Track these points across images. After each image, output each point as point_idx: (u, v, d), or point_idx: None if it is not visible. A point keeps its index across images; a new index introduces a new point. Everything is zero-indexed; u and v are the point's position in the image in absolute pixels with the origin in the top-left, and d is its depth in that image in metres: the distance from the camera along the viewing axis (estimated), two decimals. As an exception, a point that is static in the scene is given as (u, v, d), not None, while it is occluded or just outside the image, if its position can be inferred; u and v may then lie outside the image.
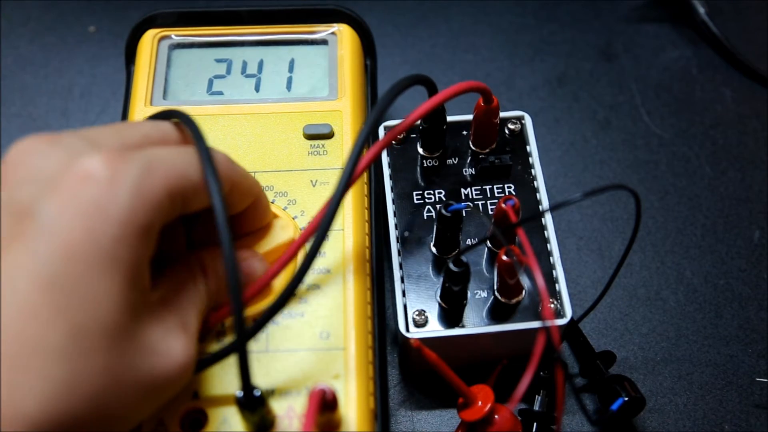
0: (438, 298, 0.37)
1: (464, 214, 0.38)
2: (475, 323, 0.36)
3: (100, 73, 0.52)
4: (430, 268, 0.38)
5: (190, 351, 0.29)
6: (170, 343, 0.28)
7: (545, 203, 0.39)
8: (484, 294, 0.37)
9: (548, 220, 0.38)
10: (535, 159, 0.40)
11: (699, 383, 0.41)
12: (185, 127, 0.31)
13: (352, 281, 0.35)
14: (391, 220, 0.39)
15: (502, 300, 0.36)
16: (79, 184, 0.26)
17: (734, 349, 0.42)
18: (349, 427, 0.32)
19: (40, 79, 0.52)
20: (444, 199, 0.39)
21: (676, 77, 0.52)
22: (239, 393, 0.30)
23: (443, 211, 0.35)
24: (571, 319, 0.36)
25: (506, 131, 0.41)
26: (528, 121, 0.41)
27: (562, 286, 0.37)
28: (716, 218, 0.46)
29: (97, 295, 0.25)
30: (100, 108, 0.50)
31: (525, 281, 0.36)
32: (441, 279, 0.37)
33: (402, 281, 0.37)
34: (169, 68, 0.42)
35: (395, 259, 0.38)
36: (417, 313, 0.36)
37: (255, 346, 0.34)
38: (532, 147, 0.41)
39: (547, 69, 0.52)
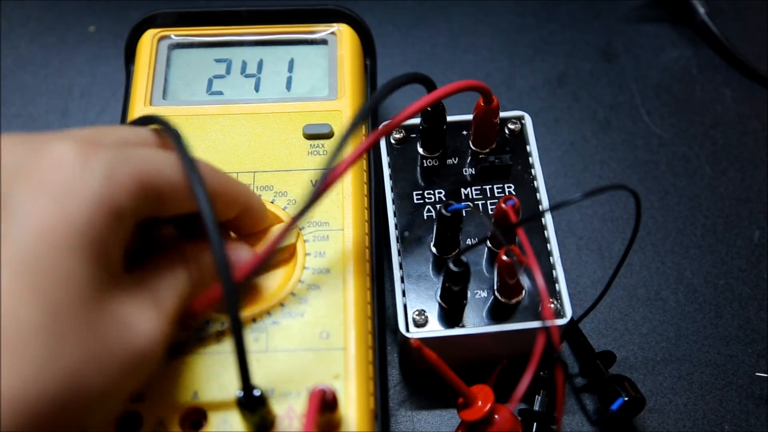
0: (438, 298, 0.37)
1: (464, 214, 0.38)
2: (475, 323, 0.36)
3: (100, 73, 0.52)
4: (430, 268, 0.38)
5: (163, 326, 0.29)
6: (142, 317, 0.28)
7: (545, 203, 0.39)
8: (484, 294, 0.37)
9: (548, 220, 0.38)
10: (535, 159, 0.40)
11: (699, 383, 0.41)
12: (165, 133, 0.31)
13: (352, 281, 0.35)
14: (391, 220, 0.39)
15: (502, 300, 0.36)
16: (50, 168, 0.27)
17: (734, 349, 0.42)
18: (349, 427, 0.32)
19: (40, 79, 0.52)
20: (444, 199, 0.39)
21: (676, 77, 0.52)
22: (239, 393, 0.30)
23: (443, 211, 0.35)
24: (571, 319, 0.36)
25: (506, 131, 0.41)
26: (528, 121, 0.41)
27: (562, 286, 0.37)
28: (716, 218, 0.46)
29: (68, 272, 0.26)
30: (100, 108, 0.50)
31: (525, 281, 0.36)
32: (441, 279, 0.37)
33: (402, 281, 0.37)
34: (169, 68, 0.42)
35: (395, 259, 0.38)
36: (417, 313, 0.36)
37: (255, 346, 0.34)
38: (532, 147, 0.41)
39: (547, 69, 0.52)
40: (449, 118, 0.40)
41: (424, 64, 0.52)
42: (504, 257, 0.34)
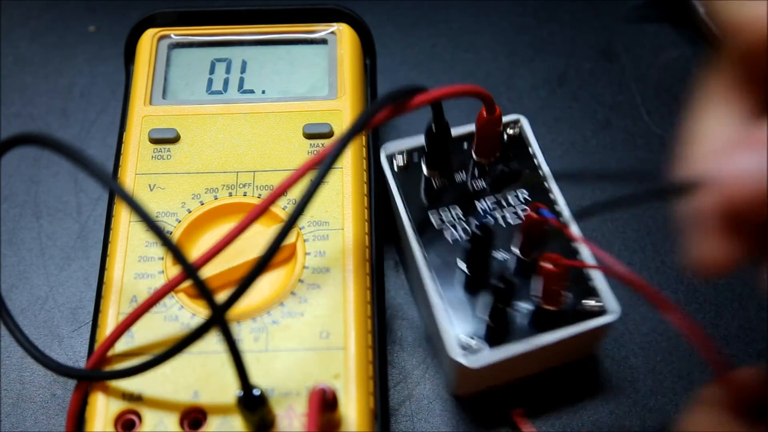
0: (483, 316, 0.36)
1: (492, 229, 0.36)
2: (527, 336, 0.35)
3: (100, 72, 0.52)
4: (464, 289, 0.37)
5: None
6: None
7: (560, 202, 0.39)
8: (523, 306, 0.36)
9: (570, 219, 0.38)
10: (540, 160, 0.40)
11: (699, 383, 0.40)
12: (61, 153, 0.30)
13: (352, 280, 0.35)
14: (418, 253, 0.37)
15: (549, 308, 0.36)
16: None
17: (734, 348, 0.42)
18: (349, 427, 0.32)
19: (40, 79, 0.52)
20: (462, 217, 0.39)
21: (676, 77, 0.52)
22: (239, 392, 0.30)
23: (473, 229, 0.35)
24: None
25: (504, 137, 0.41)
26: (525, 124, 0.41)
27: (600, 282, 0.36)
28: (716, 218, 0.46)
29: None
30: (100, 108, 0.50)
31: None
32: (479, 299, 0.36)
33: (444, 309, 0.36)
34: (169, 68, 0.42)
35: (431, 289, 0.36)
36: (470, 339, 0.35)
37: (255, 346, 0.34)
38: (535, 148, 0.40)
39: (547, 69, 0.52)
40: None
41: (424, 64, 0.52)
42: (548, 265, 0.33)
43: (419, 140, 0.40)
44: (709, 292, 0.43)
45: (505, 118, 0.41)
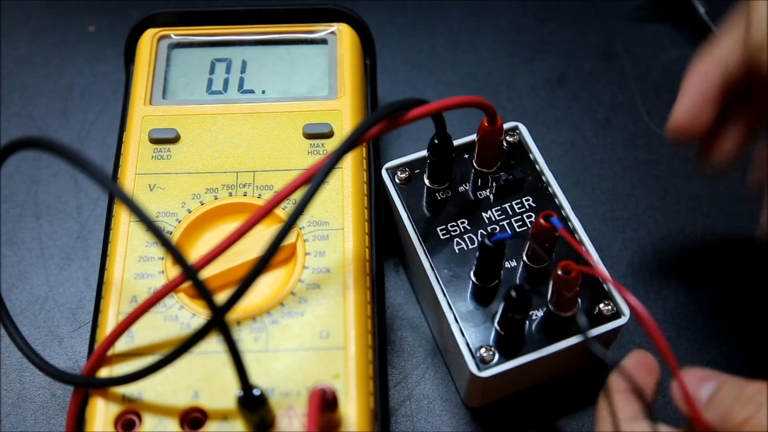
0: (497, 326, 0.35)
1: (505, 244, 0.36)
2: (540, 344, 0.35)
3: (100, 72, 0.52)
4: (475, 300, 0.37)
5: None
6: None
7: (566, 207, 0.39)
8: (534, 313, 0.36)
9: (576, 224, 0.38)
10: (542, 165, 0.40)
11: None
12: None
13: (351, 280, 0.35)
14: (427, 266, 0.37)
15: (561, 315, 0.35)
16: None
17: (734, 348, 0.42)
18: (349, 427, 0.32)
19: (40, 79, 0.52)
20: (469, 228, 0.39)
21: (676, 77, 0.52)
22: (239, 392, 0.30)
23: (486, 242, 0.34)
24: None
25: (504, 144, 0.41)
26: (524, 130, 0.41)
27: (610, 286, 0.36)
28: (716, 218, 0.46)
29: None
30: (100, 107, 0.50)
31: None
32: (490, 309, 0.36)
33: (456, 321, 0.36)
34: (169, 68, 0.42)
35: (443, 300, 0.36)
36: (484, 349, 0.35)
37: (255, 346, 0.34)
38: (536, 155, 0.40)
39: (547, 69, 0.52)
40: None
41: (424, 64, 0.52)
42: (560, 272, 0.33)
43: (420, 153, 0.40)
44: (709, 292, 0.43)
45: (504, 126, 0.41)
